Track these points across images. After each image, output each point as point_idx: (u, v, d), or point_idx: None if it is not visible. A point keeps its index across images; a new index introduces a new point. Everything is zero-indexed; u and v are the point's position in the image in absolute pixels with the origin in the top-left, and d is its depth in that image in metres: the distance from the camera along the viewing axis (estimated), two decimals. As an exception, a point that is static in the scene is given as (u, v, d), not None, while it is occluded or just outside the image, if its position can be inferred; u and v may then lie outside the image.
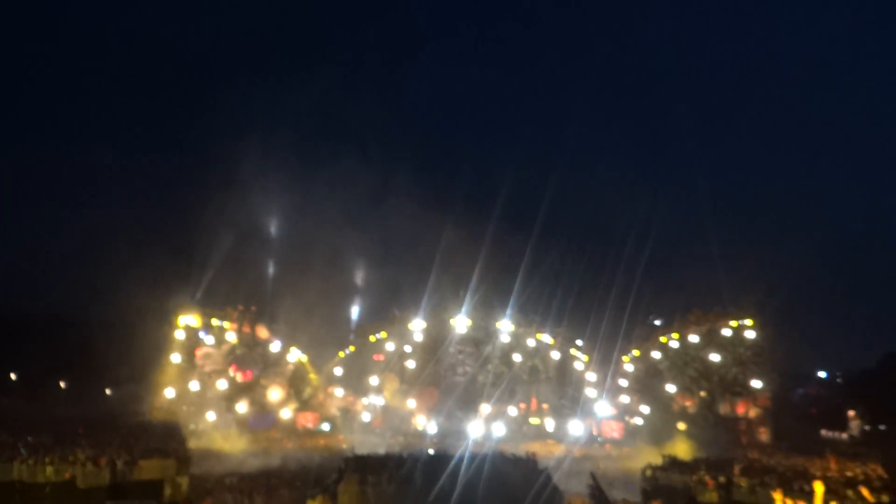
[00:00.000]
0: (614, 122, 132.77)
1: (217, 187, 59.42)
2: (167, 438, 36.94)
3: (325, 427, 51.78)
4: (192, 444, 40.00)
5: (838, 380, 69.81)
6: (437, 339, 55.90)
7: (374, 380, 53.79)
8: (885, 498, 24.94)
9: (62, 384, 60.38)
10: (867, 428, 54.69)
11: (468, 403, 52.84)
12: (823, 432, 55.29)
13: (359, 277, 62.18)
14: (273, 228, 62.89)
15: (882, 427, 54.04)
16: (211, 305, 53.38)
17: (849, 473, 32.27)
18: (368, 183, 73.69)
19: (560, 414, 53.14)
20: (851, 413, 56.66)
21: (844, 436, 54.52)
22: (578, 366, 54.89)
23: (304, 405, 53.21)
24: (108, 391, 57.02)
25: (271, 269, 60.73)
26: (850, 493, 26.16)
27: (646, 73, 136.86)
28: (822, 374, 70.19)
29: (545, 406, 54.76)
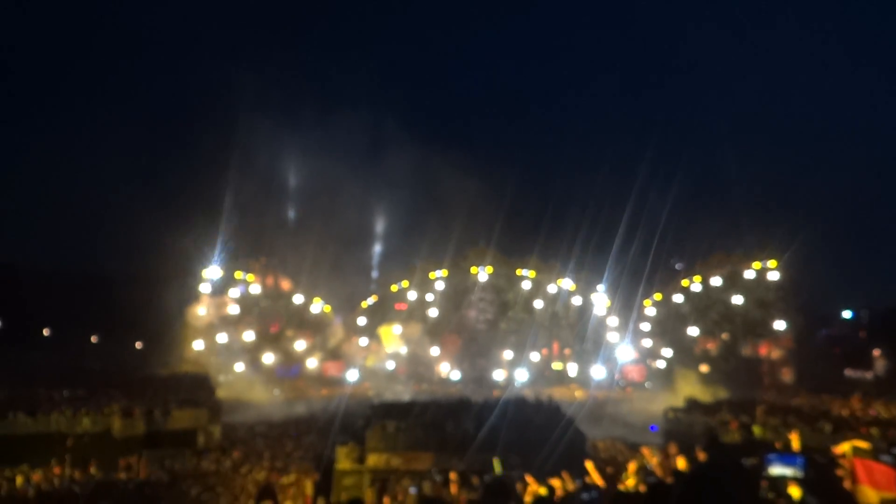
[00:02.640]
0: (635, 65, 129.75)
1: (239, 141, 59.35)
2: (197, 389, 37.85)
3: (351, 376, 52.69)
4: (222, 394, 40.99)
5: (863, 319, 69.14)
6: (458, 287, 56.22)
7: (397, 329, 54.38)
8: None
9: (93, 338, 61.84)
10: (893, 366, 54.37)
11: (491, 350, 53.37)
12: (848, 372, 55.09)
13: (380, 227, 62.35)
14: (294, 181, 62.93)
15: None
16: (234, 258, 54.00)
17: (872, 412, 32.27)
18: (389, 133, 73.36)
19: (582, 359, 53.53)
20: (877, 352, 56.32)
21: (869, 375, 54.31)
22: (600, 311, 55.02)
23: (329, 354, 54.11)
24: (137, 345, 58.27)
25: (293, 222, 61.05)
26: (874, 431, 26.23)
27: (668, 15, 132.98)
28: (846, 314, 69.55)
29: (567, 351, 55.19)
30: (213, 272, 53.01)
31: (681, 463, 11.82)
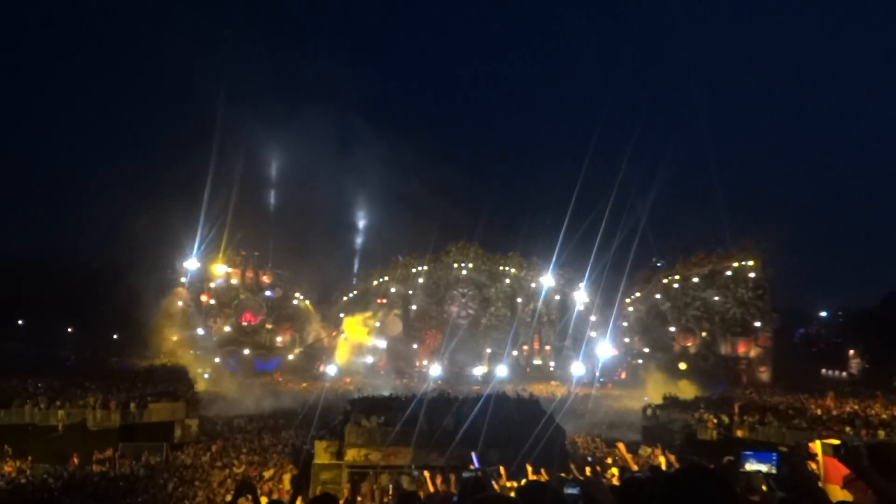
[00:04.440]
0: (615, 62, 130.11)
1: (220, 137, 58.90)
2: (175, 382, 37.42)
3: (331, 370, 52.39)
4: (200, 387, 40.54)
5: (840, 319, 70.00)
6: (439, 282, 56.11)
7: (377, 323, 54.15)
8: (881, 434, 25.36)
9: (69, 329, 60.98)
10: (867, 366, 55.11)
11: (471, 345, 53.33)
12: (823, 371, 55.77)
13: (361, 222, 62.18)
14: (275, 177, 62.56)
15: (885, 366, 54.31)
16: (215, 251, 53.55)
17: (847, 409, 32.64)
18: (367, 130, 73.12)
19: (562, 355, 53.67)
20: (852, 352, 57.06)
21: (844, 374, 55.01)
22: (581, 308, 55.18)
23: (309, 348, 53.77)
24: (115, 336, 57.55)
25: (274, 217, 60.72)
26: (847, 429, 26.55)
27: (652, 11, 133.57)
28: (823, 314, 70.41)
29: (548, 348, 55.31)
30: (191, 264, 52.53)
31: (661, 460, 11.85)
